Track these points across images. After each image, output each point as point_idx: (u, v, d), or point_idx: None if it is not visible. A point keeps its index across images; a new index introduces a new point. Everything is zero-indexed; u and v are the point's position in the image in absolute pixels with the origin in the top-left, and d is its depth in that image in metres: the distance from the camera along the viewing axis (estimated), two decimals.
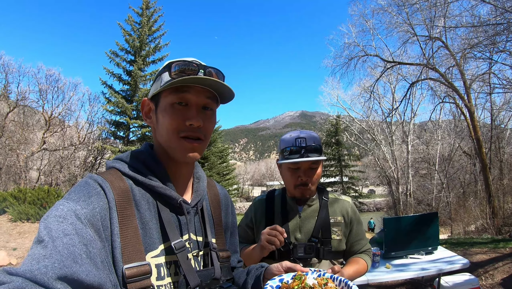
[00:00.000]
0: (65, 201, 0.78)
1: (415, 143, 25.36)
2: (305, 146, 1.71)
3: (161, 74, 0.99)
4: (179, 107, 0.96)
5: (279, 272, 1.10)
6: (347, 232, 1.84)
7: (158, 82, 0.99)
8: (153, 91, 1.00)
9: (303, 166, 1.74)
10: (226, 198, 1.27)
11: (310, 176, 1.74)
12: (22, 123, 21.27)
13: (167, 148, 0.99)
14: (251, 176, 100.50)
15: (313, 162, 1.73)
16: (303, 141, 1.72)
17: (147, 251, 0.88)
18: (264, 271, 1.15)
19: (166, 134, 0.96)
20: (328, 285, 0.97)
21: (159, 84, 0.98)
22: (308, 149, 1.71)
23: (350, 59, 16.45)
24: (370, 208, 42.74)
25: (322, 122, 33.14)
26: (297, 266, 1.10)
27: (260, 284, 1.11)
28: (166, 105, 0.96)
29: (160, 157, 1.01)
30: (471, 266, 4.69)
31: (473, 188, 18.83)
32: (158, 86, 0.98)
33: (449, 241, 8.75)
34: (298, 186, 1.76)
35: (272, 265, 1.14)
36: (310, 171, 1.75)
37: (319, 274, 1.05)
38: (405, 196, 24.99)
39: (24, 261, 0.67)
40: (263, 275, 1.14)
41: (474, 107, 14.19)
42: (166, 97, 0.96)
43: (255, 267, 1.22)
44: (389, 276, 3.69)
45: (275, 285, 1.02)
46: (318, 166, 1.78)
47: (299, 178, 1.74)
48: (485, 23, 8.76)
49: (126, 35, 22.15)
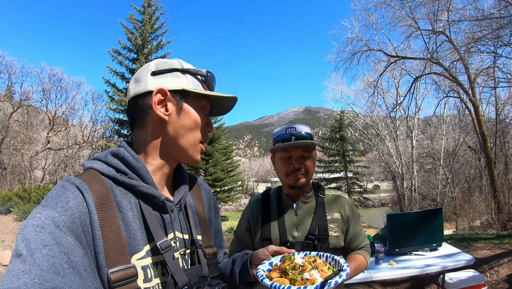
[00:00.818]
0: (42, 208, 0.75)
1: (420, 138, 25.25)
2: (295, 133, 1.74)
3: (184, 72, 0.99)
4: (206, 112, 1.03)
5: (266, 256, 1.10)
6: (344, 228, 1.83)
7: (183, 79, 0.98)
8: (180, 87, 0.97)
9: (294, 153, 1.75)
10: (209, 192, 1.25)
11: (302, 163, 1.75)
12: (26, 123, 21.41)
13: (181, 147, 0.98)
14: (256, 172, 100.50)
15: (305, 149, 1.75)
16: (293, 130, 1.76)
17: (132, 253, 0.85)
18: (250, 257, 1.15)
19: (191, 135, 0.99)
20: (317, 261, 1.02)
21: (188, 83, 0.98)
22: (299, 136, 1.73)
23: (353, 54, 16.33)
24: (375, 203, 42.65)
25: (326, 118, 32.97)
26: (284, 248, 1.11)
27: (248, 270, 1.11)
28: (199, 106, 1.00)
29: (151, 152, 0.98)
30: (476, 262, 4.65)
31: (478, 183, 18.77)
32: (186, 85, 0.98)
33: (453, 237, 8.71)
34: (290, 173, 1.76)
35: (258, 250, 1.15)
36: (302, 159, 1.76)
37: (305, 253, 1.09)
38: (410, 191, 24.91)
39: (4, 279, 0.65)
40: (250, 260, 1.14)
41: (479, 101, 14.08)
42: (198, 100, 1.00)
43: (240, 255, 1.22)
44: (393, 272, 3.67)
45: (266, 268, 1.03)
46: (310, 154, 1.78)
47: (291, 166, 1.75)
48: (489, 16, 8.68)
49: (128, 33, 22.15)
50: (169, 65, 0.99)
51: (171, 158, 1.00)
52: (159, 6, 23.21)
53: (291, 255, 1.03)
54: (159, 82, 0.96)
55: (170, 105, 0.96)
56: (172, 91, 0.96)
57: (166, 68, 0.98)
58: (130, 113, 1.01)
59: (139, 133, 1.00)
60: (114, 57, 22.17)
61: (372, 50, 16.21)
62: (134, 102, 0.98)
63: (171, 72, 0.98)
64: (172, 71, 0.98)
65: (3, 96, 21.00)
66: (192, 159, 1.01)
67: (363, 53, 16.27)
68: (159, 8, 23.24)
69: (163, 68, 0.98)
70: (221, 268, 1.18)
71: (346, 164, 30.35)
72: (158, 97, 0.95)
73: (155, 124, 0.97)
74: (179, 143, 0.98)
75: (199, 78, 1.01)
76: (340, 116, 29.71)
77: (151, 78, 0.97)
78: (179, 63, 1.00)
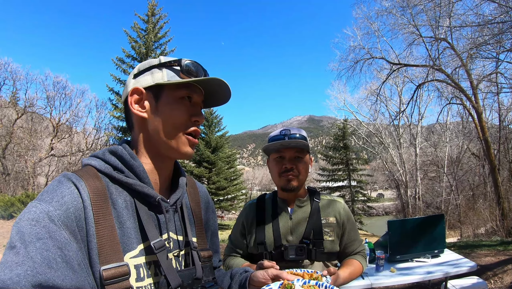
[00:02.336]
0: (38, 203, 0.75)
1: (423, 146, 25.23)
2: (289, 134, 1.76)
3: (161, 67, 0.98)
4: (187, 103, 0.98)
5: (265, 280, 1.11)
6: (340, 233, 1.82)
7: (158, 74, 0.97)
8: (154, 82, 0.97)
9: (287, 154, 1.76)
10: (206, 196, 1.25)
11: (295, 164, 1.75)
12: (30, 130, 21.59)
13: (164, 142, 0.97)
14: (260, 180, 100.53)
15: (298, 150, 1.75)
16: (287, 132, 1.77)
17: (126, 252, 0.85)
18: (249, 277, 1.15)
19: (171, 128, 0.96)
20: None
21: (163, 76, 0.97)
22: (292, 137, 1.74)
23: (356, 62, 16.39)
24: (379, 212, 42.49)
25: (330, 127, 32.95)
26: (283, 274, 1.12)
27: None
28: (174, 98, 0.97)
29: (142, 151, 0.99)
30: (479, 269, 4.60)
31: (482, 190, 18.65)
32: (160, 79, 0.96)
33: (457, 244, 8.63)
34: (282, 173, 1.76)
35: (258, 272, 1.15)
36: (295, 160, 1.76)
37: (304, 281, 1.08)
38: (414, 199, 24.84)
39: None
40: (248, 281, 1.14)
41: (482, 108, 14.04)
42: (175, 91, 0.96)
43: (239, 271, 1.22)
44: (394, 280, 3.62)
45: None
46: (304, 156, 1.79)
47: (284, 166, 1.75)
48: (490, 22, 8.68)
49: (132, 42, 22.33)
50: (148, 64, 1.00)
51: (160, 155, 1.00)
52: (163, 15, 23.43)
53: (291, 283, 1.04)
54: (136, 83, 0.98)
55: (146, 103, 0.97)
56: (146, 89, 0.97)
57: (144, 68, 0.99)
58: (125, 116, 1.04)
59: (132, 134, 1.02)
60: (118, 65, 22.32)
61: (374, 58, 16.27)
62: (125, 106, 1.01)
63: (148, 70, 0.99)
64: (149, 69, 0.99)
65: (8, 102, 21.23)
66: (179, 152, 0.99)
67: (365, 61, 16.34)
68: (163, 17, 23.45)
69: (142, 68, 1.00)
70: (217, 277, 1.18)
71: (350, 173, 30.24)
72: (135, 97, 0.97)
73: (139, 124, 0.99)
74: (161, 138, 0.97)
75: (174, 69, 0.99)
76: (343, 125, 29.70)
77: (132, 81, 0.99)
78: (158, 60, 1.00)
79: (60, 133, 22.62)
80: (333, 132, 31.15)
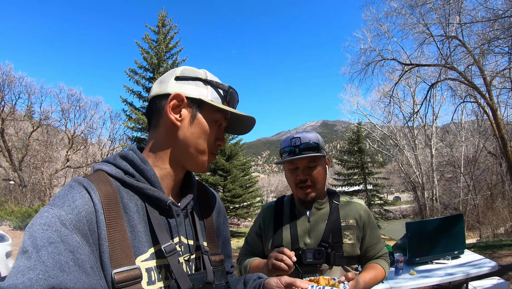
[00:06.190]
0: (50, 208, 0.76)
1: (439, 147, 24.85)
2: (299, 145, 1.72)
3: (206, 83, 1.01)
4: (219, 127, 1.04)
5: (279, 287, 1.10)
6: (360, 236, 1.75)
7: (204, 90, 0.99)
8: (198, 96, 0.98)
9: (300, 164, 1.72)
10: (217, 202, 1.25)
11: (308, 174, 1.71)
12: (46, 142, 21.95)
13: (191, 154, 0.99)
14: (275, 187, 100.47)
15: (310, 160, 1.71)
16: (297, 141, 1.73)
17: (137, 255, 0.85)
18: (263, 285, 1.14)
19: (200, 143, 1.00)
20: None
21: (207, 94, 0.99)
22: (303, 147, 1.71)
23: (367, 65, 16.23)
24: (396, 215, 42.01)
25: (344, 131, 32.72)
26: (297, 281, 1.11)
27: None
28: (212, 119, 1.01)
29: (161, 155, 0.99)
30: (500, 269, 4.50)
31: (500, 189, 18.29)
32: (205, 95, 0.99)
33: (477, 245, 8.46)
34: (297, 184, 1.73)
35: (271, 279, 1.14)
36: (308, 170, 1.72)
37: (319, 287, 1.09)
38: (431, 201, 24.44)
39: (9, 274, 0.65)
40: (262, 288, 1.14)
41: (497, 104, 13.74)
42: (214, 113, 1.00)
43: (252, 278, 1.21)
44: (414, 282, 3.55)
45: None
46: (317, 164, 1.74)
47: (298, 177, 1.72)
48: (500, 16, 8.54)
49: (144, 53, 22.67)
50: (194, 73, 1.01)
51: (179, 163, 1.01)
52: (173, 26, 23.75)
53: None
54: (179, 88, 0.98)
55: (184, 112, 0.97)
56: (189, 99, 0.98)
57: (190, 76, 1.00)
58: (148, 112, 1.04)
59: (153, 133, 1.01)
60: (131, 76, 22.65)
61: (385, 60, 16.08)
62: (153, 102, 1.01)
63: (194, 80, 1.00)
64: (195, 79, 1.00)
65: (23, 116, 21.65)
66: (199, 166, 1.02)
67: (377, 63, 16.16)
68: (173, 27, 23.77)
69: (188, 75, 1.00)
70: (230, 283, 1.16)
71: (365, 176, 29.91)
72: (174, 102, 0.96)
73: (167, 128, 0.98)
74: (187, 150, 0.99)
75: (219, 92, 1.02)
76: (357, 128, 29.45)
77: (173, 82, 0.99)
78: (204, 74, 1.02)
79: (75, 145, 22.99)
80: (347, 136, 30.93)
